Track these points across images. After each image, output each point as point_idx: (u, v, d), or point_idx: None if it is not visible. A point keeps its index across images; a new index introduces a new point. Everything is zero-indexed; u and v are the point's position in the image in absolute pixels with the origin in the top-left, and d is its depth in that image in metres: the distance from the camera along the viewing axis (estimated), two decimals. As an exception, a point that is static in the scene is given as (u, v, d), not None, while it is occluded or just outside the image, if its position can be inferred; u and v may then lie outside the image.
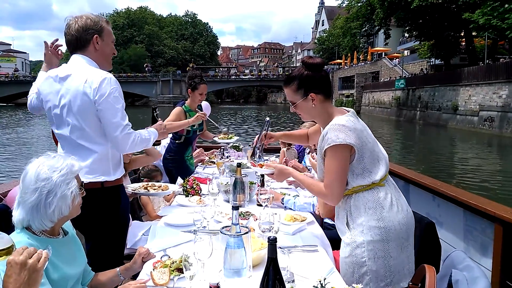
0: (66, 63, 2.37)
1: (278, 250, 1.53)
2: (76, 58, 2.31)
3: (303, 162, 4.48)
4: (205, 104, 4.83)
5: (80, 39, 2.28)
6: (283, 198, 3.14)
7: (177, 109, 4.31)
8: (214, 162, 4.89)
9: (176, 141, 4.41)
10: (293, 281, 1.81)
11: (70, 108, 2.24)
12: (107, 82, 2.20)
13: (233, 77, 71.78)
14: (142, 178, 4.00)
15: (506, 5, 20.14)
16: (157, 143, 2.68)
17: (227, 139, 4.84)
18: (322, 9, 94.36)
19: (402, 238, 2.06)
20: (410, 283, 2.00)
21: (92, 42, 2.29)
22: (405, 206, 2.12)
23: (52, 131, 2.48)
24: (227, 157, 4.79)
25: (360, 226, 2.05)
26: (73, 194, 1.67)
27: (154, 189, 3.22)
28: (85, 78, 2.20)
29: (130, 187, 3.21)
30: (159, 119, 2.68)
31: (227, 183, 3.18)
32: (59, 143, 2.45)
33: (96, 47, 2.30)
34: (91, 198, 1.79)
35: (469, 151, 18.55)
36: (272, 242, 1.47)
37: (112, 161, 2.34)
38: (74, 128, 2.26)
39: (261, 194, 2.66)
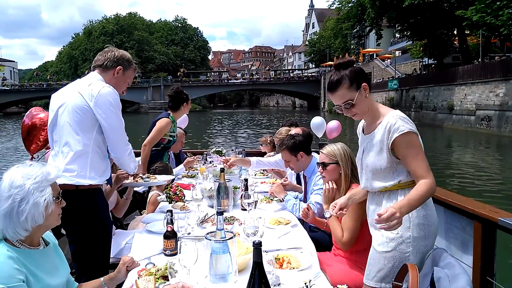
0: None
1: (263, 254, 1.54)
2: (93, 74, 2.62)
3: None
4: (184, 117, 5.04)
5: (108, 60, 2.62)
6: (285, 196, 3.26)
7: (165, 121, 4.33)
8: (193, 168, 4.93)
9: (153, 148, 4.40)
10: (279, 284, 1.82)
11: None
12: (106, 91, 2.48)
13: (225, 81, 71.66)
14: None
15: (499, 2, 19.80)
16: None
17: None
18: (312, 11, 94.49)
19: (435, 235, 2.13)
20: (394, 282, 2.03)
21: (115, 70, 2.63)
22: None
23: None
24: (210, 163, 4.83)
25: (407, 222, 2.05)
26: (46, 201, 1.66)
27: (154, 178, 3.26)
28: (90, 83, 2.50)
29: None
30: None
31: (211, 188, 3.19)
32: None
33: (115, 75, 2.64)
34: (65, 199, 1.81)
35: (465, 151, 18.30)
36: (257, 246, 1.48)
37: (90, 165, 2.41)
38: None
39: (245, 198, 2.69)
